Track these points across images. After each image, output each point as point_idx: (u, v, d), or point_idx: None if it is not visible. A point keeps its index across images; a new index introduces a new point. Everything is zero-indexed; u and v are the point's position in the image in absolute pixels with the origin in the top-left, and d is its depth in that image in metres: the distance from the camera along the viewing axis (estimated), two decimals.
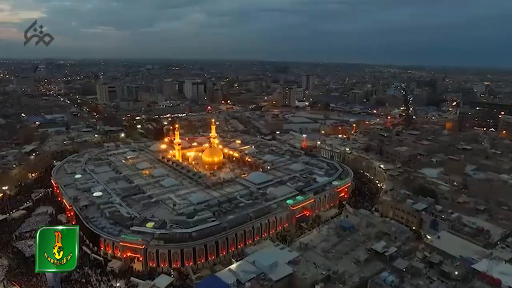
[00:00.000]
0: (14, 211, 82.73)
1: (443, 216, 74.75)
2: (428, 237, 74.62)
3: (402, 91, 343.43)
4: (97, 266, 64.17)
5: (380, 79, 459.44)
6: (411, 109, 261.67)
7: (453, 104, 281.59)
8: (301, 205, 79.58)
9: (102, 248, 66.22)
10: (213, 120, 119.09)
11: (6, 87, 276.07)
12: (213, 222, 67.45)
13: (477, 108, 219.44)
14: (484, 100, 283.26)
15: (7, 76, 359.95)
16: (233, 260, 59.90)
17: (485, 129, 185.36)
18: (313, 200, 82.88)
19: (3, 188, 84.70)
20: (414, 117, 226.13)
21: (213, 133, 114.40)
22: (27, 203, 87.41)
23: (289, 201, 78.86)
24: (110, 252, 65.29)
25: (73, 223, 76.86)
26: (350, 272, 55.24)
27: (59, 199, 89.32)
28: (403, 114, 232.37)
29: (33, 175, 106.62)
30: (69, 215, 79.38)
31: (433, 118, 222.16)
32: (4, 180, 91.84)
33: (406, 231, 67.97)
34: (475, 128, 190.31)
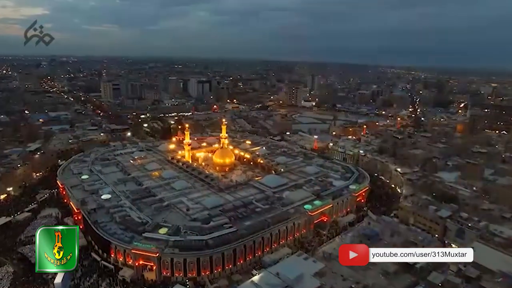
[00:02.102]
0: (18, 213, 79.25)
1: (469, 225, 71.05)
2: (453, 246, 71.39)
3: (408, 92, 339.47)
4: (107, 274, 60.70)
5: (384, 79, 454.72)
6: (418, 110, 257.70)
7: (461, 106, 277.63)
8: (319, 211, 75.95)
9: (112, 255, 62.58)
10: (223, 120, 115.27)
11: (9, 84, 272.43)
12: (230, 229, 63.79)
13: (486, 110, 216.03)
14: (492, 102, 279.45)
15: (9, 73, 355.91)
16: (255, 272, 56.30)
17: (497, 131, 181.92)
18: (331, 205, 79.28)
19: (8, 189, 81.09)
20: (422, 118, 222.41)
21: (223, 133, 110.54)
22: (32, 205, 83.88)
23: (307, 206, 75.32)
24: (121, 259, 61.66)
25: (81, 227, 73.37)
26: (379, 285, 51.80)
27: (65, 201, 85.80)
28: (413, 115, 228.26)
29: (37, 175, 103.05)
30: (76, 218, 75.72)
31: (442, 120, 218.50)
32: (8, 180, 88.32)
33: (433, 240, 64.43)
34: (486, 130, 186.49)
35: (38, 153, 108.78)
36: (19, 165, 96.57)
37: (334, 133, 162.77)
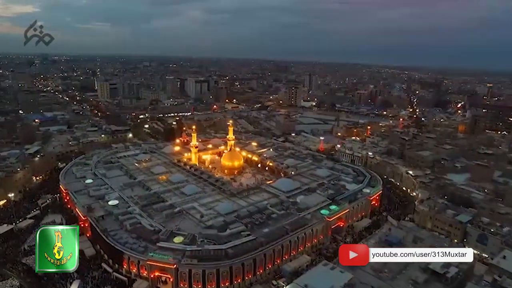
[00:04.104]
0: (20, 220, 75.18)
1: (492, 230, 69.29)
2: (475, 252, 69.58)
3: (405, 92, 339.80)
4: (119, 286, 57.36)
5: (380, 79, 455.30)
6: (417, 110, 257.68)
7: (458, 106, 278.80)
8: (337, 216, 73.53)
9: (125, 266, 59.16)
10: (230, 122, 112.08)
11: (2, 83, 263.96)
12: (249, 237, 60.89)
13: (484, 110, 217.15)
14: (488, 102, 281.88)
15: (0, 71, 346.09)
16: (276, 282, 53.40)
17: (498, 132, 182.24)
18: (348, 209, 77.00)
19: (9, 195, 76.67)
20: (423, 119, 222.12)
21: (230, 135, 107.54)
22: (34, 211, 79.90)
23: (324, 211, 72.96)
24: (134, 271, 58.28)
25: (88, 235, 69.98)
26: None
27: (69, 206, 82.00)
28: (414, 116, 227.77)
29: (37, 178, 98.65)
30: (82, 225, 71.82)
31: (442, 120, 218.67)
32: (8, 185, 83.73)
33: (460, 247, 62.02)
34: (487, 131, 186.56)
35: (38, 155, 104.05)
36: (18, 169, 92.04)
37: (339, 134, 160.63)
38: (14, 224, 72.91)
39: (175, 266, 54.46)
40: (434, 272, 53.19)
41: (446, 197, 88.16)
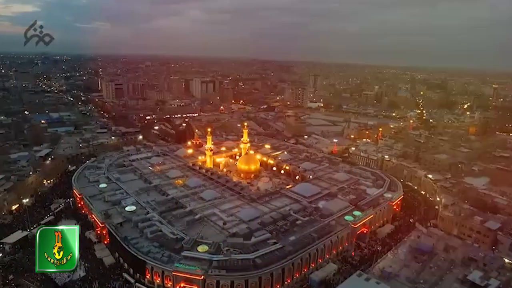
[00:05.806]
0: (34, 226, 72.71)
1: None
2: (507, 260, 67.39)
3: (410, 94, 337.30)
4: None
5: (383, 80, 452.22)
6: (425, 112, 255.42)
7: (464, 107, 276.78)
8: (362, 222, 71.24)
9: (147, 276, 56.80)
10: (245, 124, 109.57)
11: (6, 83, 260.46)
12: (276, 245, 58.57)
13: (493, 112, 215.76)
14: (494, 104, 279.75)
15: (3, 71, 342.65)
16: None
17: (510, 134, 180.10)
18: (372, 215, 74.72)
19: (24, 200, 74.14)
20: (431, 120, 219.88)
21: (245, 138, 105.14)
22: (47, 217, 77.54)
23: (348, 218, 70.72)
24: (158, 281, 55.96)
25: (106, 243, 67.71)
26: None
27: (83, 211, 79.65)
28: (423, 117, 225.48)
29: (48, 182, 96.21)
30: (99, 233, 69.53)
31: (450, 121, 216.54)
32: (20, 189, 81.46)
33: (497, 257, 60.02)
34: (498, 133, 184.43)
35: (49, 158, 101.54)
36: (30, 172, 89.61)
37: (352, 136, 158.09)
38: (28, 230, 70.51)
39: (202, 277, 52.15)
40: (473, 284, 51.00)
41: (467, 201, 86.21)
